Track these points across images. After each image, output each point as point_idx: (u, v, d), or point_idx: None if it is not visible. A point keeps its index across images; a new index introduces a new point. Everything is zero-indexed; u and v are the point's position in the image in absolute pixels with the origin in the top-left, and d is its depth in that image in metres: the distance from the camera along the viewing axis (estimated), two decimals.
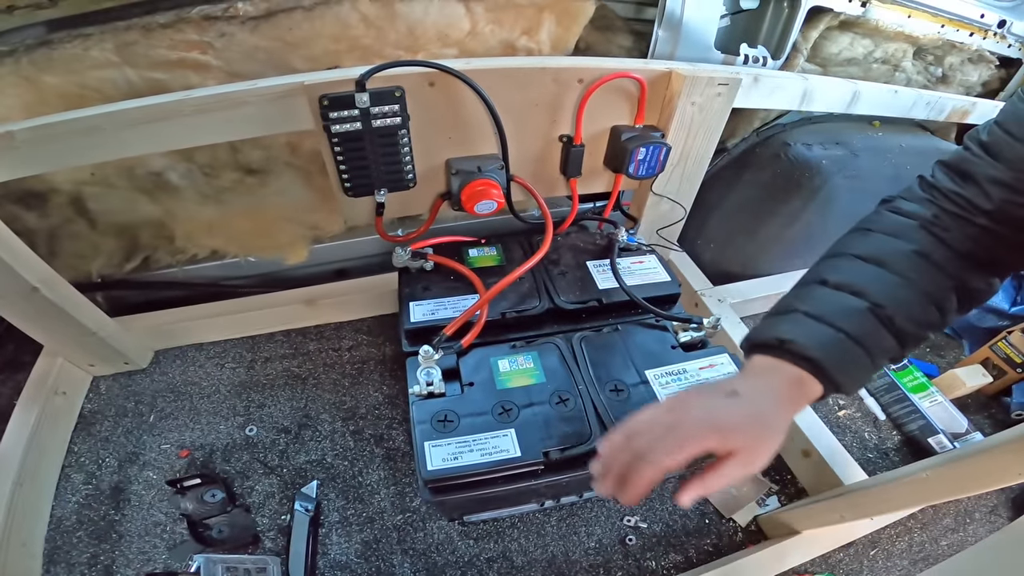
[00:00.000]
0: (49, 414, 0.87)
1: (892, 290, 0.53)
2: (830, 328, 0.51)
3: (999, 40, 1.27)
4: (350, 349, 1.05)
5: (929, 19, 1.15)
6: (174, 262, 0.99)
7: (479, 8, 0.85)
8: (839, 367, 0.50)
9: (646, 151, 0.82)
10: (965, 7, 1.18)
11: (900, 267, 0.53)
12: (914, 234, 0.55)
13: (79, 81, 0.77)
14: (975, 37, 1.23)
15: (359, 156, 0.73)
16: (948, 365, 1.16)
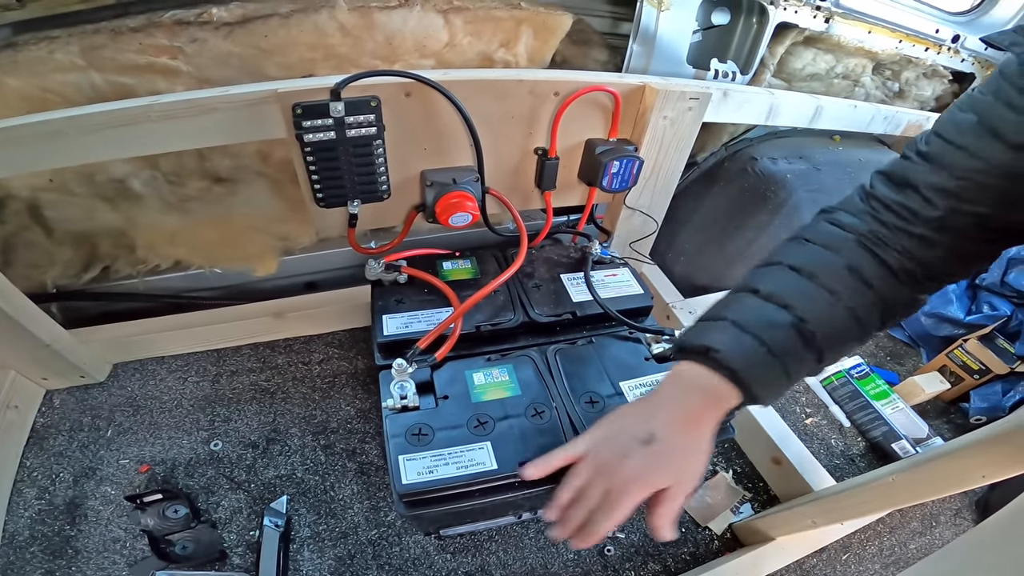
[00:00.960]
0: (1, 429, 0.83)
1: (818, 306, 0.55)
2: (754, 340, 0.53)
3: (953, 55, 1.34)
4: (320, 363, 1.03)
5: (888, 34, 1.21)
6: (135, 272, 0.96)
7: (458, 20, 0.85)
8: (758, 380, 0.53)
9: (619, 164, 0.84)
10: (922, 22, 1.25)
11: (829, 282, 0.55)
12: (848, 248, 0.57)
13: (41, 84, 0.75)
14: (930, 52, 1.30)
15: (332, 166, 0.72)
16: (908, 372, 1.21)
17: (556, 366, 0.73)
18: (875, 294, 0.55)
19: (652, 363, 0.75)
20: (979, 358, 1.12)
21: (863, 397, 1.07)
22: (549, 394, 0.69)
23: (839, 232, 0.58)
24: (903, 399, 1.08)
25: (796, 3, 1.04)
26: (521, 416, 0.66)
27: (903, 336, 1.31)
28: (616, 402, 0.69)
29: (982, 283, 1.21)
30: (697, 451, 0.53)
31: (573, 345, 0.76)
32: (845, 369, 1.11)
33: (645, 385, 0.72)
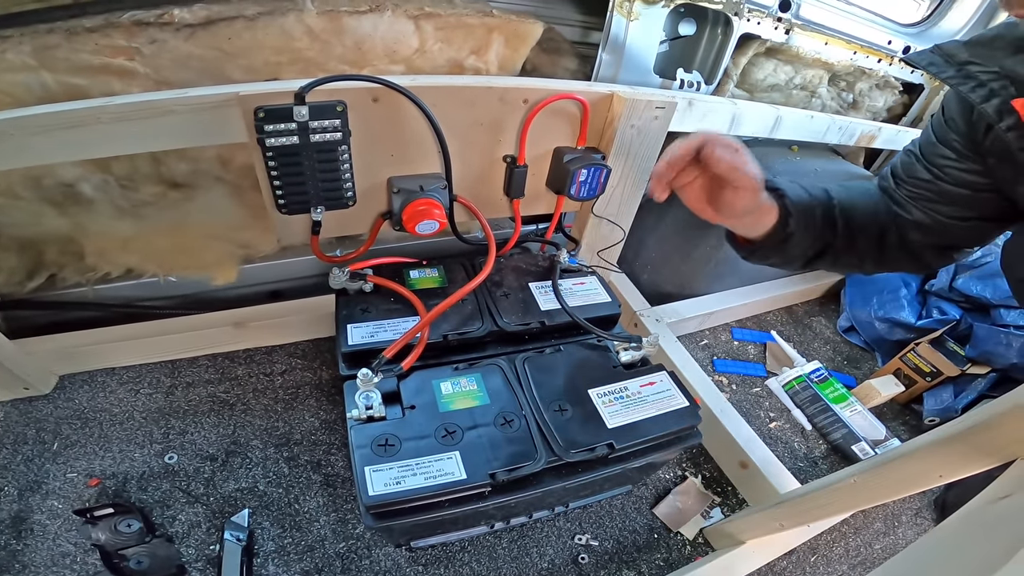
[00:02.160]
0: None
1: (844, 193, 0.73)
2: (800, 187, 0.71)
3: (903, 66, 1.41)
4: (283, 374, 1.00)
5: (843, 46, 1.26)
6: (83, 281, 0.91)
7: (428, 26, 0.85)
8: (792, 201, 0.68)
9: (587, 173, 0.84)
10: (874, 33, 1.31)
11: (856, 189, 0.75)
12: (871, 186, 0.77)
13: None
14: (882, 63, 1.36)
15: (295, 172, 0.71)
16: (864, 376, 1.26)
17: (525, 375, 0.73)
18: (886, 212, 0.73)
19: (620, 370, 0.76)
20: (931, 361, 1.17)
21: (823, 401, 1.10)
22: (518, 403, 0.69)
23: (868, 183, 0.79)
24: (861, 402, 1.12)
25: (759, 15, 1.08)
26: (490, 425, 0.66)
27: (859, 341, 1.37)
28: (585, 410, 0.70)
29: (932, 289, 1.27)
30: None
31: (541, 354, 0.77)
32: (805, 374, 1.14)
33: (613, 392, 0.72)
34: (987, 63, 0.58)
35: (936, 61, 0.62)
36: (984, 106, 0.57)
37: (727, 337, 1.29)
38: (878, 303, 1.30)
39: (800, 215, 0.68)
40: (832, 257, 0.74)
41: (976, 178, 0.65)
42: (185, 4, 0.75)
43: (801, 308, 1.47)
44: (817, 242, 0.72)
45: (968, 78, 0.59)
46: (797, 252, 0.72)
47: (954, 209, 0.68)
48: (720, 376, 1.18)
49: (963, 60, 0.60)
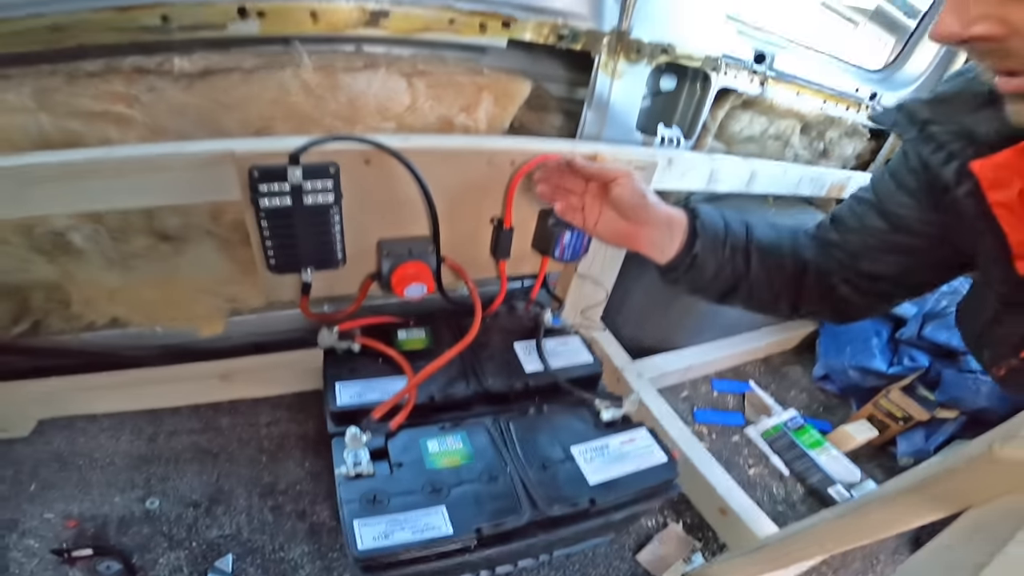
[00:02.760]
0: None
1: (766, 229, 0.74)
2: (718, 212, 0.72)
3: (870, 112, 1.47)
4: (268, 425, 1.00)
5: (814, 95, 1.32)
6: (68, 328, 0.91)
7: (421, 84, 0.87)
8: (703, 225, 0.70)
9: (571, 235, 0.87)
10: (843, 81, 1.37)
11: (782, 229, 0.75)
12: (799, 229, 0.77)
13: None
14: (850, 111, 1.43)
15: (287, 233, 0.72)
16: (840, 421, 1.30)
17: (509, 433, 0.75)
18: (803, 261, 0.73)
19: (602, 428, 0.78)
20: (902, 407, 1.21)
21: (799, 447, 1.14)
22: (503, 460, 0.71)
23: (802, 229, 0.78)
24: (836, 447, 1.15)
25: (735, 68, 1.12)
26: (475, 481, 0.68)
27: (834, 388, 1.41)
28: (568, 466, 0.72)
29: (902, 337, 1.32)
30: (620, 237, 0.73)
31: (525, 413, 0.79)
32: (782, 422, 1.18)
33: (594, 449, 0.75)
34: (947, 122, 0.58)
35: (900, 121, 0.63)
36: (943, 170, 0.57)
37: (707, 388, 1.32)
38: (851, 352, 1.34)
39: (709, 240, 0.69)
40: (746, 292, 0.73)
41: (934, 230, 0.64)
42: (184, 53, 0.76)
43: (778, 358, 1.51)
44: (727, 271, 0.71)
45: (928, 139, 0.59)
46: (707, 278, 0.71)
47: (908, 260, 0.67)
48: (700, 426, 1.20)
49: (924, 119, 0.60)
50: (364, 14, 0.79)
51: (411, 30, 0.83)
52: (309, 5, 0.76)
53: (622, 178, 0.70)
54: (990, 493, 0.48)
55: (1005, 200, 0.51)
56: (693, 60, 1.03)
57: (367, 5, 0.79)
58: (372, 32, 0.81)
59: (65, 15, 0.67)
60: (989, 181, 0.51)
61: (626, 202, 0.69)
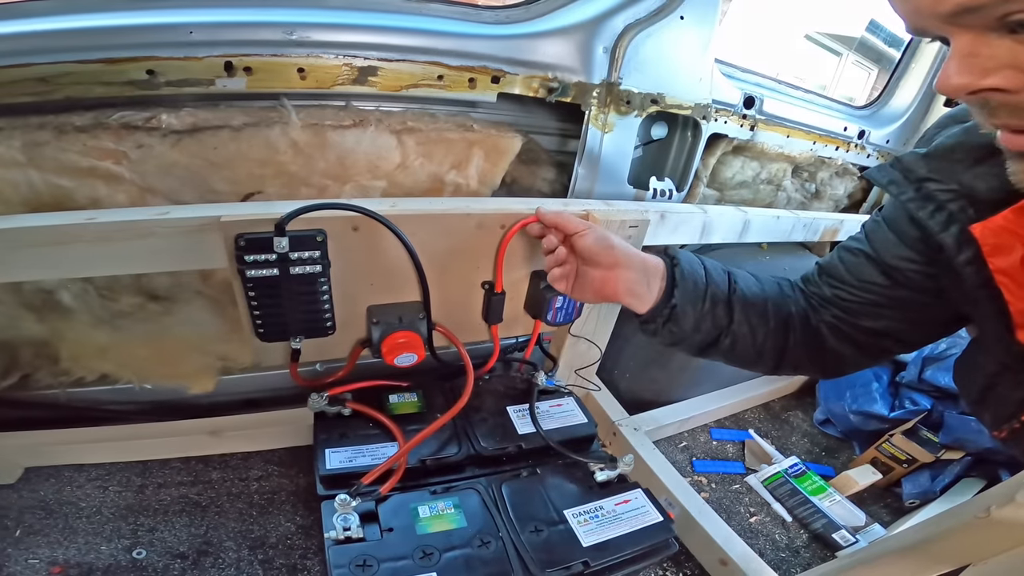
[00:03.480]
0: None
1: (749, 282, 0.72)
2: (699, 261, 0.72)
3: (859, 151, 1.49)
4: (259, 479, 0.99)
5: (803, 137, 1.33)
6: (56, 383, 0.90)
7: (410, 141, 0.88)
8: (684, 276, 0.69)
9: (563, 299, 0.87)
10: (831, 121, 1.38)
11: (764, 281, 0.75)
12: (783, 282, 0.76)
13: None
14: (840, 151, 1.44)
15: (274, 303, 0.72)
16: (843, 465, 1.29)
17: (502, 497, 0.75)
18: (791, 312, 0.72)
19: (596, 490, 0.78)
20: (905, 450, 1.20)
21: (801, 494, 1.12)
22: (495, 524, 0.71)
23: (787, 281, 0.77)
24: (839, 491, 1.14)
25: (725, 114, 1.14)
26: (467, 547, 0.67)
27: (835, 432, 1.39)
28: (561, 529, 0.72)
29: (902, 381, 1.31)
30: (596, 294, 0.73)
31: (518, 477, 0.78)
32: (783, 469, 1.16)
33: (588, 512, 0.74)
34: (946, 179, 0.54)
35: (896, 179, 0.59)
36: (943, 235, 0.54)
37: (706, 437, 1.31)
38: (851, 397, 1.33)
39: (688, 290, 0.68)
40: (728, 346, 0.72)
41: (937, 284, 0.61)
42: (172, 109, 0.76)
43: (778, 404, 1.50)
44: (707, 324, 0.70)
45: (927, 199, 0.56)
46: (687, 330, 0.70)
47: (913, 315, 0.64)
48: (700, 476, 1.19)
49: (921, 176, 0.56)
50: (353, 71, 0.80)
51: (400, 86, 0.84)
52: (296, 61, 0.77)
53: (583, 229, 0.71)
54: (989, 552, 0.50)
55: (1007, 267, 0.49)
56: (683, 108, 1.04)
57: (355, 62, 0.80)
58: (361, 89, 0.82)
59: (52, 66, 0.69)
60: (990, 247, 0.50)
61: (592, 249, 0.70)
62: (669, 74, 1.00)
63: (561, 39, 0.91)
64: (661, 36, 0.95)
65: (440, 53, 0.84)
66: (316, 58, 0.78)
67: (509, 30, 0.89)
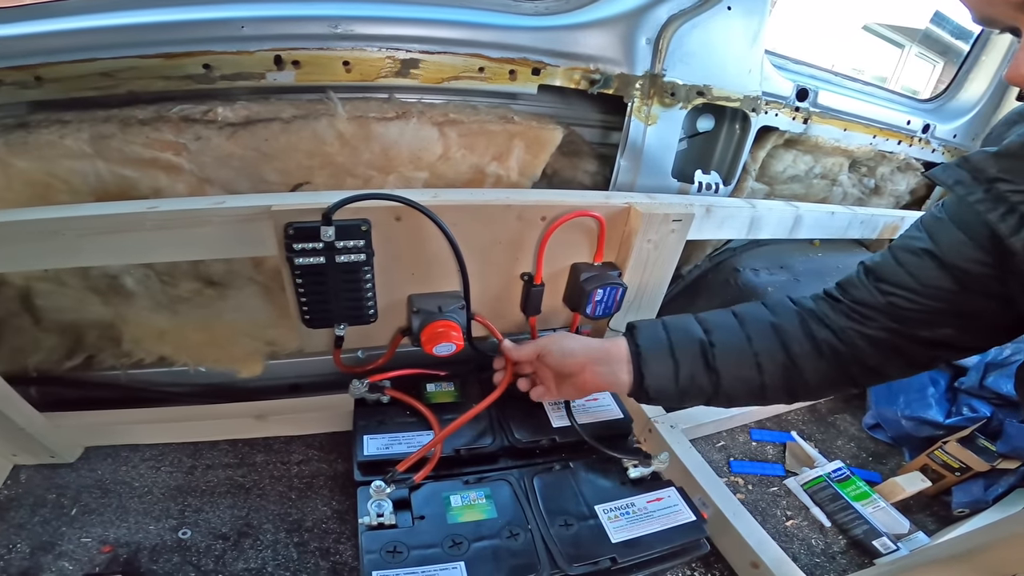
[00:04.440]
0: None
1: (730, 339, 0.69)
2: (666, 337, 0.71)
3: (924, 146, 1.42)
4: (300, 463, 1.03)
5: (862, 130, 1.28)
6: (118, 364, 0.97)
7: (453, 133, 0.89)
8: (650, 364, 0.70)
9: (603, 292, 0.87)
10: (893, 114, 1.32)
11: (751, 328, 0.70)
12: (785, 313, 0.71)
13: (49, 169, 0.77)
14: (903, 145, 1.38)
15: (320, 291, 0.75)
16: (890, 472, 1.24)
17: (533, 489, 0.76)
18: (788, 356, 0.67)
19: (628, 486, 0.78)
20: (959, 458, 1.15)
21: (843, 499, 1.09)
22: (525, 517, 0.72)
23: (788, 303, 0.72)
24: (884, 498, 1.10)
25: (777, 106, 1.10)
26: (496, 538, 0.69)
27: (885, 437, 1.34)
28: (591, 524, 0.72)
29: (961, 387, 1.25)
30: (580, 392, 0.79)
31: (550, 470, 0.79)
32: (825, 474, 1.13)
33: (619, 508, 0.75)
34: (1018, 180, 0.51)
35: (963, 179, 0.54)
36: (1013, 240, 0.50)
37: (745, 438, 1.28)
38: (904, 402, 1.28)
39: (658, 374, 0.70)
40: (726, 400, 0.72)
41: (1008, 290, 0.56)
42: (228, 102, 0.80)
43: (824, 406, 1.44)
44: (693, 392, 0.71)
45: (997, 201, 0.51)
46: (673, 401, 0.74)
47: (976, 324, 0.59)
48: (736, 477, 1.17)
49: (992, 176, 0.52)
50: (395, 63, 0.82)
51: (442, 79, 0.86)
52: (342, 54, 0.80)
53: (543, 348, 0.79)
54: None
55: None
56: (731, 100, 1.02)
57: (398, 55, 0.82)
58: (403, 82, 0.84)
59: (115, 61, 0.73)
60: None
61: (557, 363, 0.78)
62: (716, 66, 0.98)
63: (602, 30, 0.90)
64: (707, 27, 0.93)
65: (481, 45, 0.85)
66: (360, 51, 0.80)
67: (550, 21, 0.89)
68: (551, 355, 0.78)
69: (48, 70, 0.72)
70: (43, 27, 0.72)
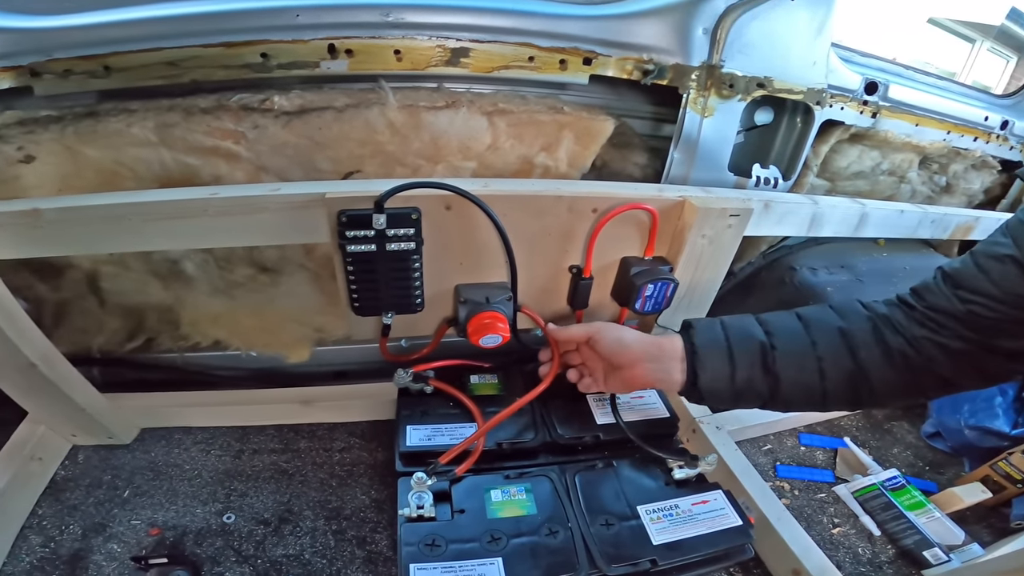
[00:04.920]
0: (21, 478, 0.89)
1: (792, 342, 0.66)
2: (724, 336, 0.69)
3: (1001, 143, 1.34)
4: (341, 451, 1.06)
5: (936, 126, 1.21)
6: (175, 347, 1.01)
7: (502, 123, 0.89)
8: (705, 363, 0.68)
9: (653, 287, 0.85)
10: (969, 110, 1.26)
11: (816, 332, 0.67)
12: (855, 318, 0.67)
13: (116, 157, 0.80)
14: (979, 142, 1.30)
15: (370, 278, 0.76)
16: (948, 482, 1.19)
17: (574, 487, 0.75)
18: (855, 362, 0.64)
19: (672, 487, 0.77)
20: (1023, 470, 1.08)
21: (896, 508, 1.05)
22: (565, 514, 0.71)
23: (858, 307, 0.68)
24: (939, 508, 1.05)
25: (843, 99, 1.05)
26: (535, 534, 0.68)
27: (944, 447, 1.28)
28: (632, 525, 0.71)
29: None
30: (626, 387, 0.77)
31: (593, 467, 0.78)
32: (879, 482, 1.09)
33: (663, 510, 0.73)
34: None
35: None
36: None
37: (794, 442, 1.24)
38: (969, 410, 1.22)
39: (712, 374, 0.68)
40: (783, 403, 0.69)
41: None
42: (283, 91, 0.82)
43: (882, 412, 1.38)
44: (748, 394, 0.69)
45: None
46: (725, 402, 0.71)
47: None
48: (782, 482, 1.13)
49: None
50: (445, 52, 0.83)
51: (491, 68, 0.86)
52: (393, 43, 0.81)
53: (595, 333, 0.77)
54: None
55: None
56: (794, 93, 0.98)
57: (448, 43, 0.82)
58: (453, 71, 0.84)
59: (179, 50, 0.76)
60: None
61: (609, 352, 0.75)
62: (778, 57, 0.94)
63: (657, 20, 0.88)
64: (768, 18, 0.90)
65: (531, 34, 0.84)
66: (411, 40, 0.81)
67: (602, 10, 0.87)
68: (603, 342, 0.75)
69: (116, 59, 0.75)
70: (112, 16, 0.74)
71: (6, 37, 0.73)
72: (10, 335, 0.74)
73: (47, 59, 0.74)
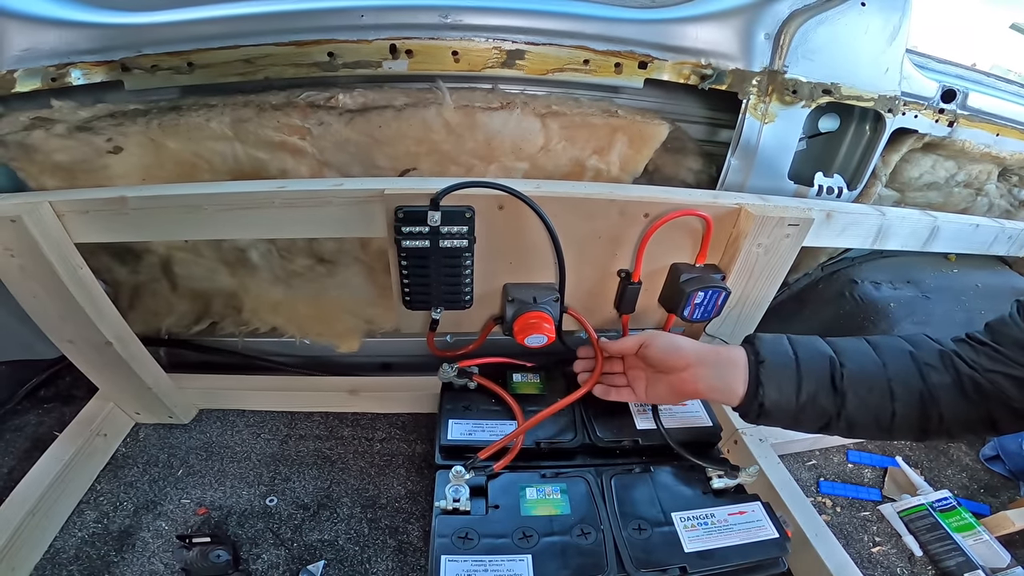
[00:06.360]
0: (85, 453, 0.96)
1: (862, 362, 0.66)
2: (791, 351, 0.68)
3: None
4: (382, 441, 1.11)
5: (1018, 137, 1.15)
6: (236, 332, 1.09)
7: (554, 124, 0.92)
8: (771, 377, 0.67)
9: (704, 295, 0.85)
10: None
11: (886, 354, 0.66)
12: (925, 347, 0.66)
13: (195, 150, 0.87)
14: None
15: (422, 274, 0.80)
16: (1001, 505, 1.14)
17: (610, 490, 0.77)
18: (925, 384, 0.63)
19: (710, 496, 0.77)
20: None
21: (943, 529, 1.01)
22: (598, 516, 0.73)
23: (926, 338, 0.68)
24: (988, 531, 1.01)
25: (917, 107, 1.02)
26: (567, 535, 0.70)
27: (1002, 470, 1.22)
28: (664, 531, 0.72)
29: None
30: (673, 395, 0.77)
31: (630, 472, 0.80)
32: (928, 502, 1.05)
33: (698, 518, 0.74)
34: None
35: None
36: None
37: (840, 459, 1.21)
38: None
39: (777, 387, 0.66)
40: (845, 428, 0.67)
41: None
42: (347, 89, 0.87)
43: None
44: (809, 413, 0.67)
45: None
46: (785, 422, 0.69)
47: None
48: (823, 498, 1.10)
49: None
50: (501, 54, 0.86)
51: (546, 70, 0.88)
52: (451, 44, 0.84)
53: (648, 339, 0.77)
54: None
55: None
56: (863, 100, 0.96)
57: (504, 45, 0.85)
58: (508, 72, 0.87)
59: (256, 48, 0.82)
60: None
61: (659, 357, 0.75)
62: (847, 63, 0.92)
63: (716, 24, 0.88)
64: (837, 23, 0.88)
65: (587, 37, 0.86)
66: (468, 41, 0.84)
67: (659, 14, 0.88)
68: (654, 347, 0.76)
69: (199, 56, 0.82)
70: (196, 14, 0.81)
71: (100, 32, 0.80)
72: (90, 314, 0.82)
73: (137, 55, 0.81)
